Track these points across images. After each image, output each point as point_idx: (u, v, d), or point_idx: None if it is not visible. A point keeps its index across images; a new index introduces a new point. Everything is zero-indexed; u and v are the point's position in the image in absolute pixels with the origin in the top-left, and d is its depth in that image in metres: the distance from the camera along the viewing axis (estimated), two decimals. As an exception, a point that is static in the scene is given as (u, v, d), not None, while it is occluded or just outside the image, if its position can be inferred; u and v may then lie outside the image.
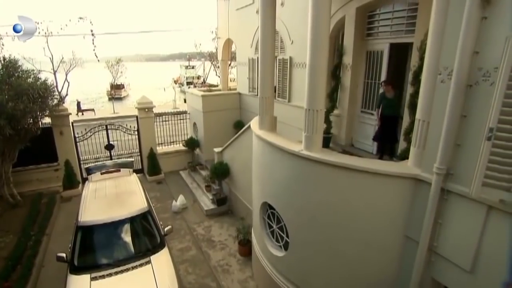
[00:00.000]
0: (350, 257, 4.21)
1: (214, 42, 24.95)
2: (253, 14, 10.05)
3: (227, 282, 6.44)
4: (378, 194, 3.80)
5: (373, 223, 3.92)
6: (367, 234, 3.99)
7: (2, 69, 8.51)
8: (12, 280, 6.13)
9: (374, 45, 6.27)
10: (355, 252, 4.13)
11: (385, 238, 3.91)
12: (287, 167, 4.73)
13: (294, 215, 4.81)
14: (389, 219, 3.82)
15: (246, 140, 7.56)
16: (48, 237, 7.91)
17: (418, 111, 3.51)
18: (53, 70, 21.97)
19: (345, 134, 7.09)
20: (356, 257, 4.15)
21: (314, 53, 4.11)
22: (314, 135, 4.28)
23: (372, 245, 3.99)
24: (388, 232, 3.86)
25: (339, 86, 7.06)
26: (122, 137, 11.93)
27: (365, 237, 4.01)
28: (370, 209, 3.89)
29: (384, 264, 4.01)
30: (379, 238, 3.94)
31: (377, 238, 3.95)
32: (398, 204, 3.70)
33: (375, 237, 3.96)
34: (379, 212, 3.85)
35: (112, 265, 5.14)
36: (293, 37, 8.30)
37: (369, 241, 3.99)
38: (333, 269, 4.46)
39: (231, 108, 11.86)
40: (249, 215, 7.41)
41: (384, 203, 3.79)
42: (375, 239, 3.96)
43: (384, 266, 4.01)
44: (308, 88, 4.24)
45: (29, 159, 9.99)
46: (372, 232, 3.96)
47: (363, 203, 3.92)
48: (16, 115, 7.89)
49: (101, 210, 5.94)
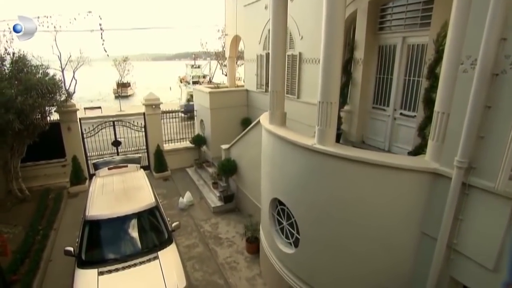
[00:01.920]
0: (363, 254, 4.09)
1: (221, 40, 24.93)
2: (261, 10, 9.95)
3: (235, 280, 6.36)
4: (394, 189, 3.68)
5: (387, 219, 3.80)
6: (381, 230, 3.87)
7: (12, 64, 8.56)
8: (20, 274, 6.14)
9: (386, 39, 6.13)
10: (368, 249, 4.02)
11: (400, 235, 3.78)
12: (298, 162, 4.63)
13: (305, 211, 4.70)
14: (404, 215, 3.69)
15: (254, 136, 7.48)
16: (56, 231, 7.92)
17: (437, 103, 3.38)
18: (61, 68, 22.15)
19: (356, 130, 6.95)
20: (369, 254, 4.03)
21: (329, 42, 3.99)
22: (328, 128, 4.17)
23: (386, 242, 3.87)
24: (403, 229, 3.74)
25: (350, 82, 6.93)
26: (129, 134, 11.95)
27: (379, 233, 3.89)
28: (385, 204, 3.77)
29: (398, 261, 3.89)
30: (394, 234, 3.82)
31: (392, 234, 3.82)
32: (415, 200, 3.58)
33: (390, 234, 3.83)
34: (394, 207, 3.73)
35: (119, 260, 5.10)
36: (303, 32, 8.19)
37: (383, 237, 3.87)
38: (345, 266, 4.35)
39: (238, 105, 11.78)
40: (256, 212, 7.33)
41: (400, 198, 3.67)
42: (389, 236, 3.84)
43: (399, 263, 3.89)
44: (322, 80, 4.13)
45: (37, 155, 10.06)
46: (387, 228, 3.84)
47: (378, 198, 3.80)
48: (25, 109, 7.92)
49: (108, 205, 5.90)
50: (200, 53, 41.80)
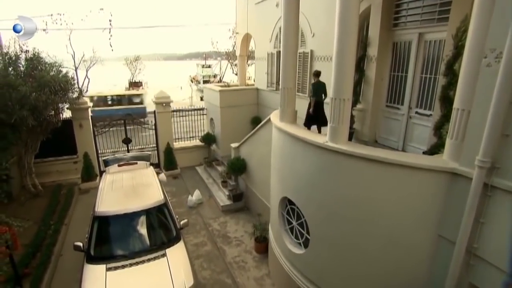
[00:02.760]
0: (375, 255, 3.95)
1: (232, 40, 24.92)
2: (272, 8, 9.86)
3: (243, 279, 6.28)
4: (409, 189, 3.53)
5: (401, 220, 3.66)
6: (395, 232, 3.72)
7: (27, 62, 8.70)
8: (32, 267, 6.22)
9: (401, 35, 5.95)
10: (381, 250, 3.88)
11: (414, 237, 3.62)
12: (309, 160, 4.52)
13: (315, 211, 4.58)
14: (420, 216, 3.54)
15: (264, 135, 7.39)
16: (67, 227, 8.01)
17: (457, 99, 3.22)
18: (74, 66, 22.54)
19: (368, 129, 6.78)
20: (382, 255, 3.89)
21: (342, 37, 3.87)
22: (340, 126, 4.05)
23: (399, 244, 3.72)
24: (418, 231, 3.58)
25: (363, 79, 6.77)
26: (139, 132, 12.02)
27: (392, 234, 3.74)
28: (399, 205, 3.63)
29: (412, 265, 3.73)
30: (408, 236, 3.66)
31: (406, 236, 3.67)
32: (431, 200, 3.42)
33: (403, 235, 3.68)
34: (409, 208, 3.58)
35: (127, 256, 5.09)
36: (315, 29, 8.06)
37: (396, 239, 3.73)
38: (356, 268, 4.22)
39: (248, 104, 11.71)
40: (265, 211, 7.24)
41: (416, 199, 3.52)
42: (403, 238, 3.69)
43: (412, 267, 3.73)
44: (335, 76, 4.01)
45: (50, 151, 10.19)
46: (400, 230, 3.69)
47: (392, 198, 3.66)
48: (38, 106, 8.04)
49: (117, 201, 5.91)
50: (211, 53, 41.98)
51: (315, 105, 6.19)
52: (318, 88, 6.21)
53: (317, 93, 6.19)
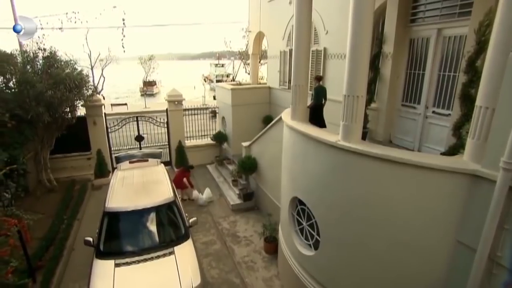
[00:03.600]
0: (388, 260, 3.78)
1: (245, 39, 24.89)
2: (285, 5, 9.72)
3: (251, 279, 6.20)
4: (426, 191, 3.35)
5: (417, 223, 3.47)
6: (409, 235, 3.54)
7: (43, 60, 8.90)
8: (45, 260, 6.34)
9: (419, 31, 5.73)
10: (394, 254, 3.70)
11: (430, 242, 3.43)
12: (321, 160, 4.38)
13: (326, 212, 4.45)
14: (437, 220, 3.35)
15: (276, 134, 7.28)
16: (79, 222, 8.14)
17: (480, 97, 3.03)
18: (90, 65, 23.01)
19: (383, 129, 6.58)
20: (395, 259, 3.72)
21: (356, 31, 3.72)
22: (353, 124, 3.90)
23: (414, 248, 3.54)
24: (435, 235, 3.39)
25: (378, 78, 6.57)
26: (152, 130, 12.12)
27: (407, 238, 3.56)
28: (415, 207, 3.44)
29: (427, 271, 3.53)
30: (423, 240, 3.47)
31: (421, 240, 3.48)
32: (449, 204, 3.23)
33: (418, 239, 3.49)
34: (426, 211, 3.39)
35: (136, 253, 5.10)
36: (328, 27, 7.89)
37: (410, 243, 3.54)
38: (367, 272, 4.06)
39: (260, 103, 11.62)
40: (276, 211, 7.13)
41: (432, 201, 3.33)
42: (418, 242, 3.50)
43: (428, 273, 3.53)
44: (348, 72, 3.86)
45: (64, 147, 10.39)
46: (415, 234, 3.50)
47: (407, 200, 3.49)
48: (53, 102, 8.22)
49: (127, 198, 5.93)
50: (224, 52, 42.12)
51: (315, 108, 6.27)
52: (319, 92, 6.40)
53: (318, 97, 6.37)
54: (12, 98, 7.93)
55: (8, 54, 8.36)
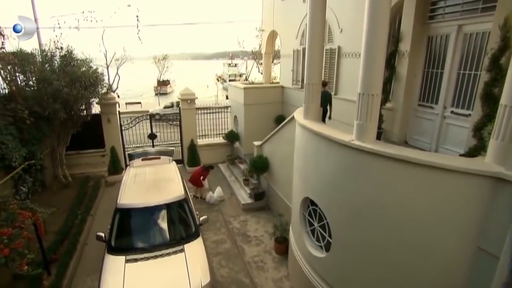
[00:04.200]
0: (402, 264, 3.65)
1: (258, 38, 24.86)
2: (299, 4, 9.62)
3: (261, 280, 6.14)
4: (444, 194, 3.20)
5: (433, 227, 3.32)
6: (425, 240, 3.40)
7: (60, 58, 9.10)
8: (59, 253, 6.48)
9: (438, 29, 5.53)
10: (408, 258, 3.57)
11: (448, 247, 3.27)
12: (334, 160, 4.28)
13: (338, 213, 4.34)
14: (455, 224, 3.19)
15: (288, 133, 7.20)
16: (93, 217, 8.28)
17: (504, 95, 2.87)
18: (106, 64, 23.50)
19: (398, 129, 6.40)
20: (409, 264, 3.58)
21: (372, 28, 3.61)
22: (368, 123, 3.78)
23: (429, 253, 3.39)
24: (453, 240, 3.23)
25: (394, 77, 6.39)
26: (164, 129, 12.22)
27: (422, 242, 3.42)
28: (431, 211, 3.30)
29: (444, 277, 3.38)
30: (440, 246, 3.32)
31: (437, 245, 3.33)
32: (470, 208, 3.07)
33: (435, 244, 3.35)
34: (443, 215, 3.24)
35: (146, 249, 5.12)
36: (343, 25, 7.75)
37: (426, 247, 3.40)
38: (380, 276, 3.93)
39: (273, 102, 11.54)
40: (287, 212, 7.05)
41: (451, 205, 3.18)
42: (435, 247, 3.35)
43: (445, 280, 3.38)
44: (363, 69, 3.75)
45: (79, 144, 10.59)
46: (431, 238, 3.36)
47: (423, 203, 3.35)
48: (69, 100, 8.39)
49: (139, 195, 5.97)
50: (237, 52, 42.20)
51: None
52: (325, 97, 6.29)
53: (323, 102, 6.25)
54: (31, 95, 8.15)
55: (28, 54, 8.59)
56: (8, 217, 3.59)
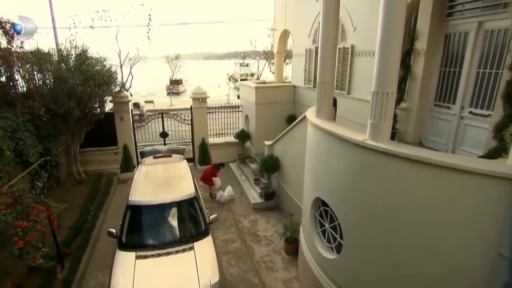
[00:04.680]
0: (416, 269, 3.53)
1: (270, 38, 24.79)
2: (312, 2, 9.51)
3: (270, 280, 6.09)
4: (462, 196, 3.08)
5: (450, 231, 3.20)
6: (441, 244, 3.27)
7: (76, 57, 9.29)
8: (72, 248, 6.63)
9: (456, 26, 5.35)
10: (423, 263, 3.44)
11: (466, 253, 3.14)
12: (346, 160, 4.20)
13: (350, 214, 4.25)
14: (474, 229, 3.06)
15: (299, 133, 7.12)
16: (105, 213, 8.42)
17: (528, 94, 2.74)
18: (120, 64, 23.88)
19: (413, 130, 6.24)
20: (424, 269, 3.45)
21: (387, 24, 3.50)
22: (382, 122, 3.68)
23: (447, 259, 3.27)
24: (472, 246, 3.10)
25: (408, 76, 6.23)
26: (176, 127, 12.32)
27: (438, 247, 3.29)
28: (448, 214, 3.18)
29: (463, 285, 3.26)
30: (458, 251, 3.19)
31: (455, 251, 3.21)
32: (490, 211, 2.95)
33: (452, 250, 3.22)
34: (461, 219, 3.12)
35: (156, 246, 5.15)
36: (356, 23, 7.61)
37: (443, 252, 3.27)
38: (393, 280, 3.81)
39: (284, 101, 11.46)
40: (297, 212, 6.98)
41: (469, 208, 3.05)
42: (452, 252, 3.23)
43: (464, 285, 3.26)
44: (378, 67, 3.65)
45: (93, 141, 10.78)
46: (448, 243, 3.23)
47: (439, 206, 3.23)
48: (83, 98, 8.55)
49: (150, 192, 6.02)
50: (249, 52, 42.20)
51: None
52: None
53: None
54: (48, 93, 8.34)
55: (46, 53, 8.81)
56: (23, 210, 3.68)
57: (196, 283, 4.52)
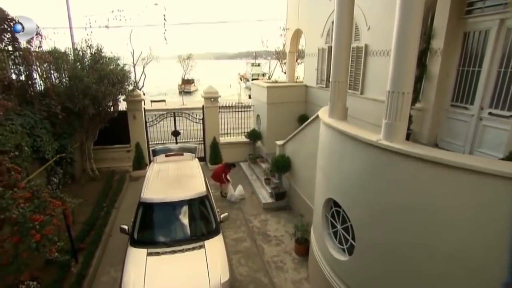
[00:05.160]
0: (432, 274, 3.43)
1: (282, 38, 24.72)
2: (325, 2, 9.42)
3: (280, 280, 6.06)
4: (481, 200, 2.97)
5: (469, 235, 3.09)
6: (459, 249, 3.16)
7: (91, 56, 9.47)
8: (86, 243, 6.76)
9: (476, 24, 5.19)
10: (440, 268, 3.35)
11: (486, 259, 3.02)
12: (359, 160, 4.13)
13: (363, 215, 4.18)
14: (495, 234, 2.94)
15: (311, 132, 7.07)
16: (117, 210, 8.55)
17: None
18: (133, 63, 24.24)
19: (428, 131, 6.09)
20: (441, 275, 3.36)
21: (404, 22, 3.43)
22: (398, 122, 3.60)
23: (465, 265, 3.16)
24: (493, 252, 2.97)
25: (424, 75, 6.08)
26: (188, 126, 12.41)
27: (455, 252, 3.19)
28: (466, 217, 3.07)
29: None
30: (477, 257, 3.07)
31: (474, 256, 3.09)
32: (510, 215, 2.84)
33: (471, 255, 3.11)
34: (480, 223, 3.01)
35: (167, 244, 5.19)
36: (370, 22, 7.50)
37: (460, 258, 3.17)
38: (407, 285, 3.73)
39: (296, 101, 11.39)
40: (308, 212, 6.93)
41: (489, 212, 2.94)
42: (471, 258, 3.11)
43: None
44: (393, 66, 3.57)
45: (106, 139, 10.97)
46: (467, 248, 3.12)
47: (457, 209, 3.13)
48: (98, 96, 8.71)
49: (161, 190, 6.08)
50: (260, 52, 42.20)
51: None
52: None
53: None
54: (64, 91, 8.53)
55: (62, 52, 9.02)
56: (40, 204, 3.78)
57: (207, 281, 4.53)
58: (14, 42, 7.41)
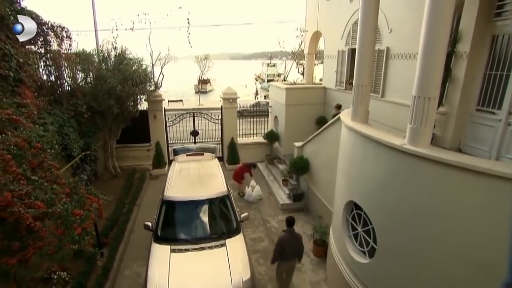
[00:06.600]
0: (456, 279, 3.42)
1: (298, 39, 24.70)
2: (346, 3, 9.39)
3: (298, 281, 6.11)
4: (508, 205, 2.95)
5: (494, 241, 3.07)
6: (484, 255, 3.15)
7: (115, 58, 9.80)
8: (110, 238, 7.03)
9: (505, 27, 5.08)
10: (464, 274, 3.33)
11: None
12: (382, 163, 4.14)
13: (385, 219, 4.19)
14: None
15: (332, 134, 7.08)
16: (138, 207, 8.81)
17: None
18: (151, 63, 24.77)
19: (451, 135, 5.99)
20: (465, 280, 3.35)
21: (432, 26, 3.43)
22: (423, 127, 3.61)
23: (490, 271, 3.14)
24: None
25: (448, 79, 5.99)
26: (205, 126, 12.63)
27: (480, 257, 3.17)
28: (492, 223, 3.05)
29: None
30: (501, 263, 3.06)
31: (501, 263, 3.07)
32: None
33: (497, 262, 3.09)
34: (507, 229, 2.99)
35: (189, 241, 5.34)
36: (392, 25, 7.43)
37: (486, 263, 3.15)
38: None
39: (314, 103, 11.38)
40: (326, 214, 6.95)
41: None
42: (497, 265, 3.10)
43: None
44: (420, 71, 3.58)
45: (127, 138, 11.28)
46: (492, 254, 3.10)
47: (481, 215, 3.11)
48: (122, 96, 9.00)
49: (184, 189, 6.25)
50: (276, 52, 42.26)
51: None
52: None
53: None
54: (89, 91, 8.86)
55: (88, 54, 9.37)
56: (79, 200, 4.02)
57: (228, 279, 4.64)
58: (46, 45, 7.76)
